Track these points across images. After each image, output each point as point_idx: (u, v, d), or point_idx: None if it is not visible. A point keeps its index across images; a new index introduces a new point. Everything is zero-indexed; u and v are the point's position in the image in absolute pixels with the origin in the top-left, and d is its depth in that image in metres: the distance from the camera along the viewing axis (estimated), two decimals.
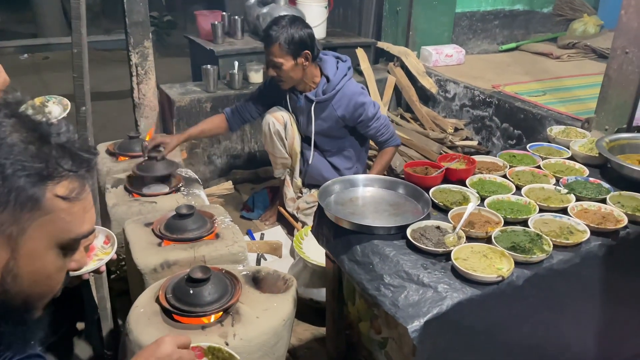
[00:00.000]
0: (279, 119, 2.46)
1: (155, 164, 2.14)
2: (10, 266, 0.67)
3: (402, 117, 3.49)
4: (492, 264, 1.30)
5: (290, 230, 2.60)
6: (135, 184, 2.15)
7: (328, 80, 2.37)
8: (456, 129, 3.23)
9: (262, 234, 2.63)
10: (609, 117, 2.23)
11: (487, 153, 1.97)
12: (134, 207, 2.07)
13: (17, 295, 0.70)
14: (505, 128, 2.97)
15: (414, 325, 1.16)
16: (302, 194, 2.63)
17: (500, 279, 1.24)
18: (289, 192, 2.62)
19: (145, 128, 2.95)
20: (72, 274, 1.22)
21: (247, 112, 2.51)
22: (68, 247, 0.73)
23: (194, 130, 2.46)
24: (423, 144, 3.05)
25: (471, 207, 1.46)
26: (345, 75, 2.38)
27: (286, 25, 2.22)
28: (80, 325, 1.82)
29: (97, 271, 1.29)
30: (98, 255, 1.32)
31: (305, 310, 2.02)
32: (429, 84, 3.46)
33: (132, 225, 1.90)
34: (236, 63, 3.17)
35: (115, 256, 1.35)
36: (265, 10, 3.41)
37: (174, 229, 1.83)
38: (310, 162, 2.54)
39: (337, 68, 2.38)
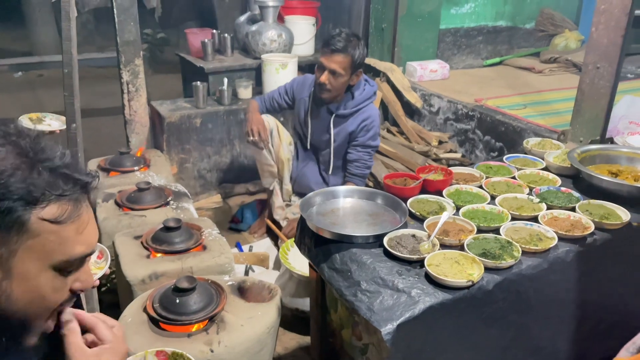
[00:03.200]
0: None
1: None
2: (3, 287, 0.70)
3: (389, 131, 3.57)
4: (463, 270, 1.36)
5: (278, 242, 2.66)
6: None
7: (352, 97, 2.47)
8: (441, 142, 3.31)
9: (251, 247, 2.69)
10: (583, 129, 2.31)
11: (471, 165, 2.04)
12: (124, 221, 2.13)
13: (14, 315, 0.72)
14: (488, 140, 3.06)
15: (387, 328, 1.22)
16: (291, 201, 2.70)
17: (470, 283, 1.31)
18: (278, 200, 2.68)
19: (136, 144, 3.02)
20: None
21: (270, 105, 2.67)
22: (63, 269, 0.75)
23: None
24: (408, 157, 3.13)
25: (445, 216, 1.53)
26: (369, 98, 2.50)
27: (358, 43, 2.37)
28: None
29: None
30: (92, 269, 1.37)
31: (291, 319, 2.07)
32: (414, 98, 3.55)
33: (122, 238, 1.96)
34: (225, 80, 3.25)
35: (108, 271, 1.39)
36: (254, 28, 3.50)
37: (162, 241, 1.89)
38: (302, 170, 2.64)
39: (364, 89, 2.49)
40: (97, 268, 1.38)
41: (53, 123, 1.95)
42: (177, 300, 1.54)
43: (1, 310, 0.71)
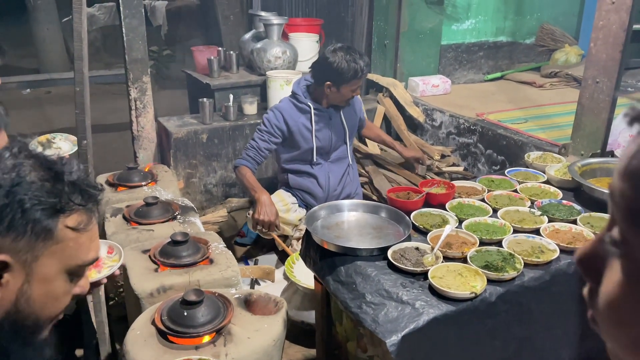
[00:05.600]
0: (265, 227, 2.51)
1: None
2: (24, 289, 0.76)
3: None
4: (466, 282, 1.38)
5: (283, 256, 2.68)
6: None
7: None
8: (443, 156, 3.35)
9: (257, 260, 2.71)
10: (584, 142, 2.35)
11: (473, 178, 2.07)
12: (132, 235, 2.16)
13: (29, 316, 0.78)
14: (489, 154, 3.09)
15: (392, 340, 1.24)
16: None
17: (473, 295, 1.33)
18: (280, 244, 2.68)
19: (143, 159, 3.06)
20: (90, 280, 1.29)
21: (262, 157, 2.54)
22: (75, 273, 0.82)
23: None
24: (411, 171, 3.16)
25: (448, 229, 1.55)
26: None
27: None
28: (78, 352, 1.88)
29: (111, 277, 1.37)
30: (107, 263, 1.41)
31: (297, 332, 2.09)
32: (416, 113, 3.59)
33: (130, 252, 1.99)
34: (231, 96, 3.31)
35: (125, 263, 1.43)
36: (259, 45, 3.56)
37: (170, 255, 1.92)
38: (331, 189, 2.65)
39: None
40: (112, 261, 1.42)
41: (63, 145, 1.98)
42: (185, 313, 1.56)
43: (19, 312, 0.76)
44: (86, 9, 1.83)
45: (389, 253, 1.48)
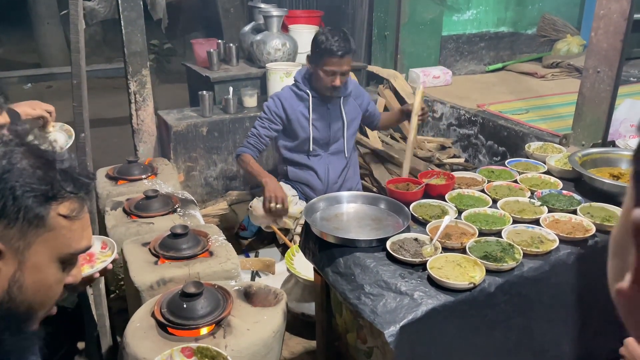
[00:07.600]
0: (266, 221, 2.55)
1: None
2: (16, 277, 0.76)
3: (392, 137, 3.59)
4: (465, 272, 1.38)
5: (284, 249, 2.68)
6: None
7: None
8: (444, 147, 3.33)
9: (257, 253, 2.72)
10: (585, 133, 2.33)
11: (474, 169, 2.06)
12: (132, 228, 2.16)
13: (21, 304, 0.78)
14: (490, 145, 3.08)
15: (391, 330, 1.24)
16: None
17: (471, 285, 1.33)
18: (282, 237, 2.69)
19: (143, 152, 3.06)
20: (83, 274, 1.29)
21: (263, 145, 2.55)
22: (67, 261, 0.82)
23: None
24: (411, 163, 3.15)
25: (447, 219, 1.55)
26: None
27: (347, 33, 2.43)
28: (80, 345, 1.89)
29: (104, 271, 1.37)
30: (100, 258, 1.42)
31: (297, 324, 2.09)
32: None
33: (130, 245, 1.99)
34: (231, 89, 3.30)
35: (117, 256, 1.43)
36: (259, 37, 3.55)
37: (170, 248, 1.92)
38: (330, 181, 2.64)
39: None
40: (105, 256, 1.43)
41: (59, 137, 1.96)
42: (185, 305, 1.56)
43: (12, 300, 0.76)
44: (83, 1, 1.82)
45: (388, 244, 1.48)
